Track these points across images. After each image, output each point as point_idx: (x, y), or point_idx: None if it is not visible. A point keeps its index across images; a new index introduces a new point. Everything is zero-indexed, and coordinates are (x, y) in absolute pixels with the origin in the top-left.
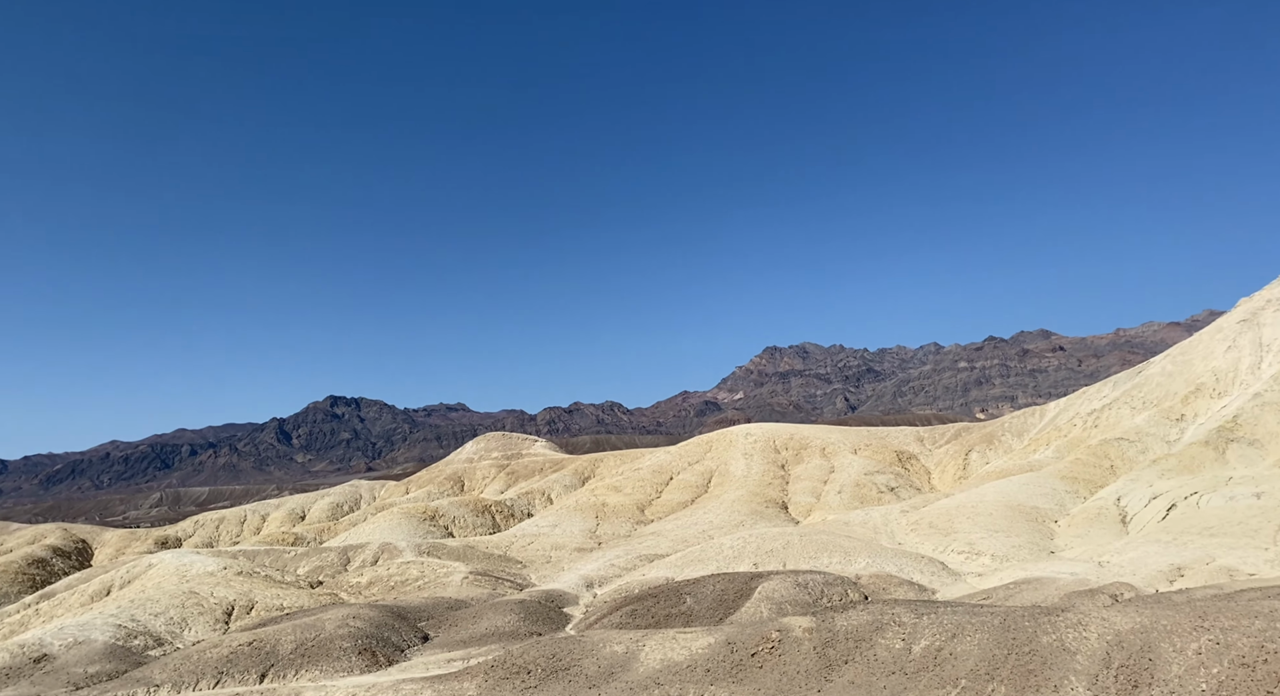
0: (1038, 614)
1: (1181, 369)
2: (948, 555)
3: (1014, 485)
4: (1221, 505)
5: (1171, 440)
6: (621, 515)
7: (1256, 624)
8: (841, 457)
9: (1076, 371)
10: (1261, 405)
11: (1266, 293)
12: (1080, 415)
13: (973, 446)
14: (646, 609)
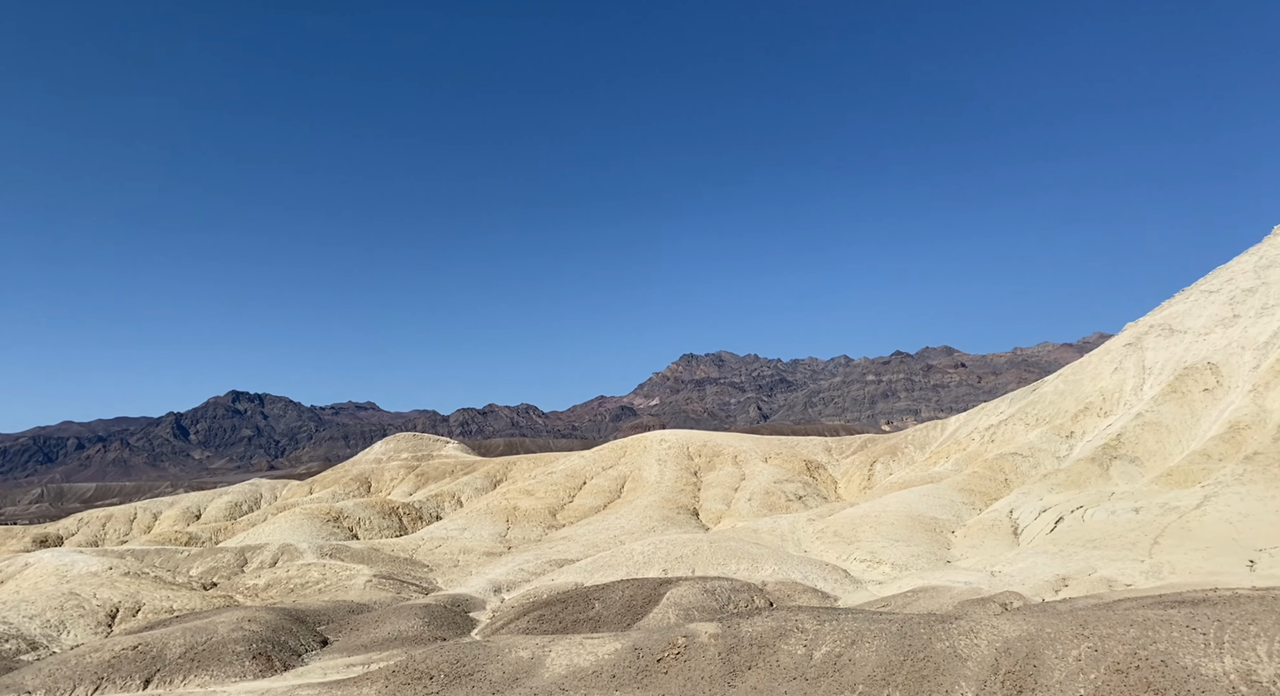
0: (933, 621)
1: (1072, 388)
2: (851, 563)
3: (915, 496)
4: (1104, 519)
5: (1061, 456)
6: (533, 519)
7: (1131, 632)
8: (753, 465)
9: (976, 387)
10: (1143, 425)
11: (1150, 318)
12: (978, 430)
13: (878, 457)
14: (555, 614)
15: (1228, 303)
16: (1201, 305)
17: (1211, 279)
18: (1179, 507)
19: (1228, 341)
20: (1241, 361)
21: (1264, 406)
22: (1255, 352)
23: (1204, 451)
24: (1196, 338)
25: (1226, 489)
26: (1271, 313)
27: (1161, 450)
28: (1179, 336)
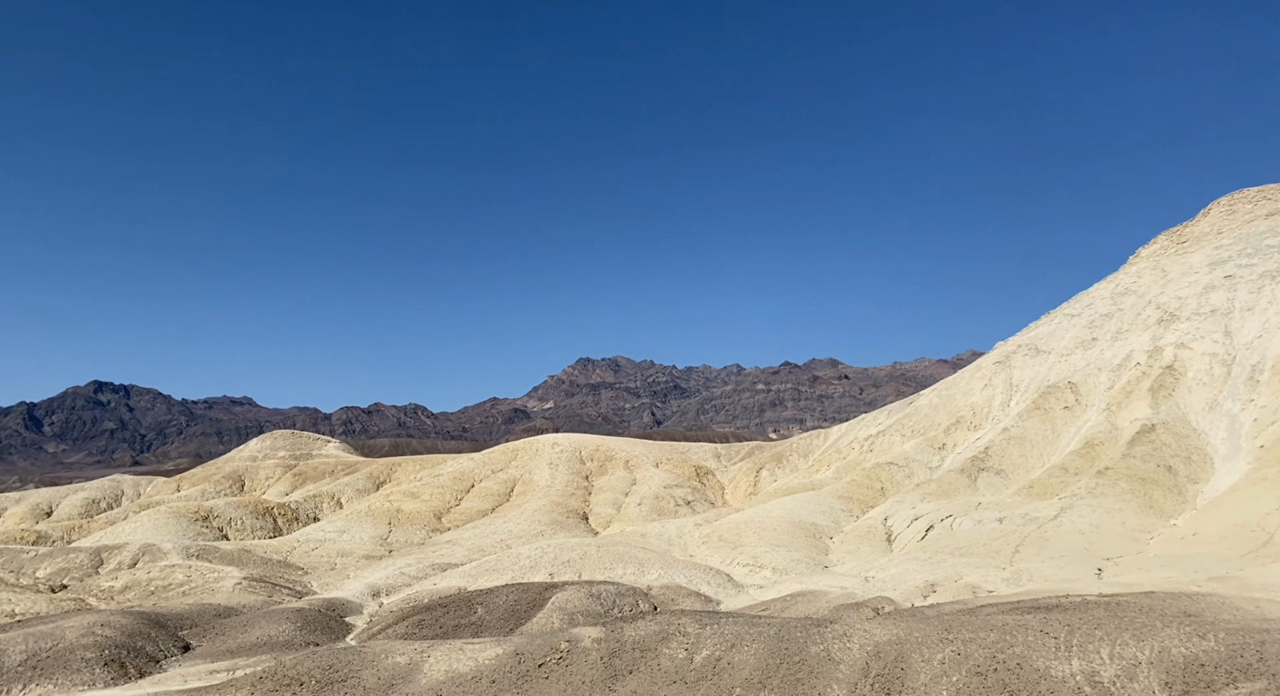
0: (809, 625)
1: (945, 402)
2: (734, 567)
3: (797, 502)
4: (971, 528)
5: (934, 466)
6: (417, 522)
7: (991, 636)
8: (644, 470)
9: (858, 399)
10: (1008, 439)
11: (1018, 338)
12: (858, 440)
13: (764, 464)
14: (435, 619)
15: (1087, 326)
16: (1064, 328)
17: (1074, 303)
18: (1038, 518)
19: (1086, 362)
20: (1098, 381)
21: (1115, 424)
22: (1110, 373)
23: (1062, 465)
24: (1059, 358)
25: (1080, 501)
26: (1125, 337)
27: (1025, 463)
28: (1043, 356)
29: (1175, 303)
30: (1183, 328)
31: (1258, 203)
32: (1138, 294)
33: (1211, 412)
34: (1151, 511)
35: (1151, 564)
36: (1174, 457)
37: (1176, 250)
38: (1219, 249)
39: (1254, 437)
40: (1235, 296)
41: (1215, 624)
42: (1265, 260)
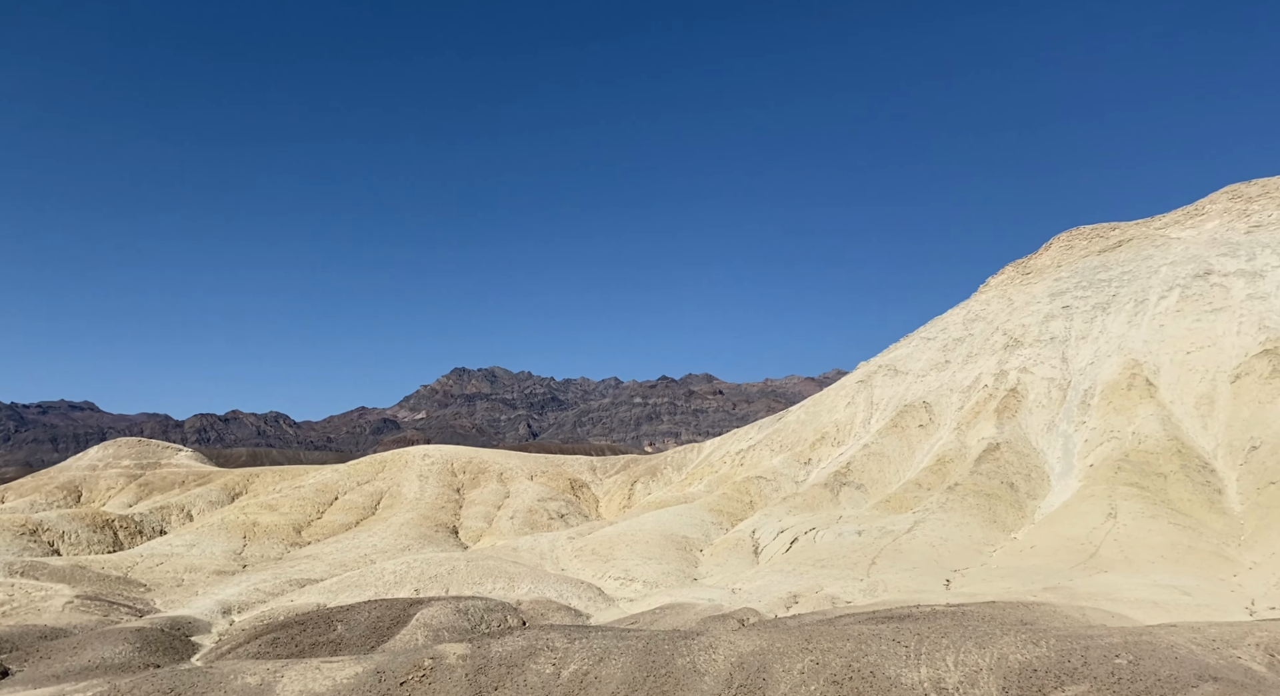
0: (676, 637)
1: (812, 419)
2: (606, 581)
3: (669, 515)
4: (832, 540)
5: (800, 481)
6: (274, 536)
7: (847, 646)
8: (518, 483)
9: (731, 414)
10: (868, 454)
11: (879, 359)
12: (730, 454)
13: (638, 477)
14: (291, 637)
15: (941, 349)
16: (921, 350)
17: (930, 327)
18: (894, 531)
19: (940, 383)
20: (950, 401)
21: (964, 442)
22: (960, 394)
23: (916, 481)
24: (916, 378)
25: (932, 515)
26: (975, 360)
27: (883, 478)
28: (902, 376)
29: (1020, 329)
30: (1026, 353)
31: (1091, 240)
32: (987, 320)
33: (1049, 433)
34: (995, 525)
35: (994, 574)
36: (1015, 475)
37: (1022, 280)
38: (1058, 281)
39: (1085, 457)
40: (1071, 325)
41: (1048, 631)
42: (1097, 293)
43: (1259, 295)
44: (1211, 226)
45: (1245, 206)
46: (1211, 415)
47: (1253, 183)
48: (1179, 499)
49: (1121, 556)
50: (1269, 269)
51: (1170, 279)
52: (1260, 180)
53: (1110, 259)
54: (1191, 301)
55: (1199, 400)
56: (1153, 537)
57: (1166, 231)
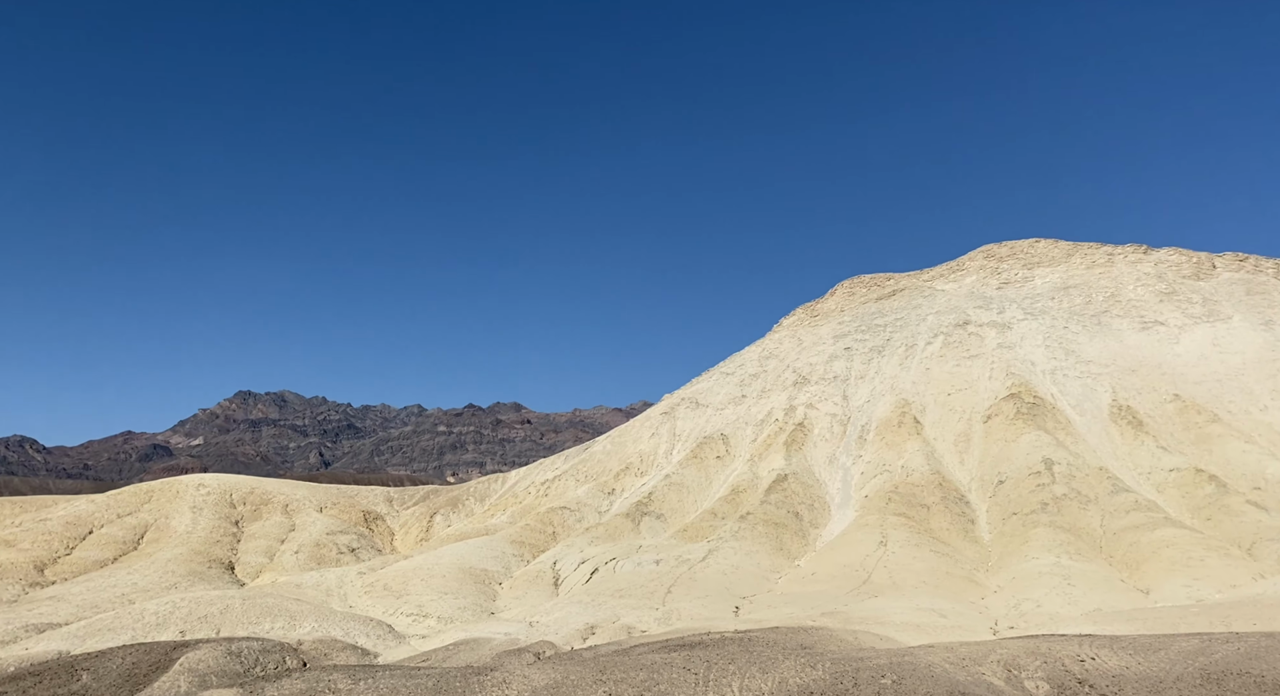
0: (469, 674)
1: (617, 449)
2: (397, 617)
3: (469, 548)
4: (631, 570)
5: (603, 511)
6: (11, 575)
7: (640, 675)
8: (305, 515)
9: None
10: (669, 485)
11: (683, 392)
12: (535, 484)
13: (439, 509)
14: (24, 690)
15: (738, 384)
16: (720, 384)
17: (729, 363)
18: (689, 560)
19: (737, 416)
20: (745, 434)
21: (757, 473)
22: (755, 427)
23: (712, 510)
24: (715, 411)
25: (725, 544)
26: (768, 395)
27: (682, 508)
28: (703, 409)
29: (807, 368)
30: (812, 390)
31: (871, 287)
32: (779, 358)
33: (830, 465)
34: (781, 553)
35: (779, 601)
36: (800, 504)
37: (810, 322)
38: (841, 324)
39: (861, 488)
40: (852, 366)
41: (824, 655)
42: (874, 337)
43: (1007, 344)
44: (970, 281)
45: (997, 265)
46: (968, 451)
47: (1003, 244)
48: (939, 528)
49: (890, 582)
50: (1015, 321)
51: (936, 327)
52: (1009, 242)
53: (886, 306)
54: (953, 348)
55: (957, 438)
56: (917, 564)
57: (933, 284)
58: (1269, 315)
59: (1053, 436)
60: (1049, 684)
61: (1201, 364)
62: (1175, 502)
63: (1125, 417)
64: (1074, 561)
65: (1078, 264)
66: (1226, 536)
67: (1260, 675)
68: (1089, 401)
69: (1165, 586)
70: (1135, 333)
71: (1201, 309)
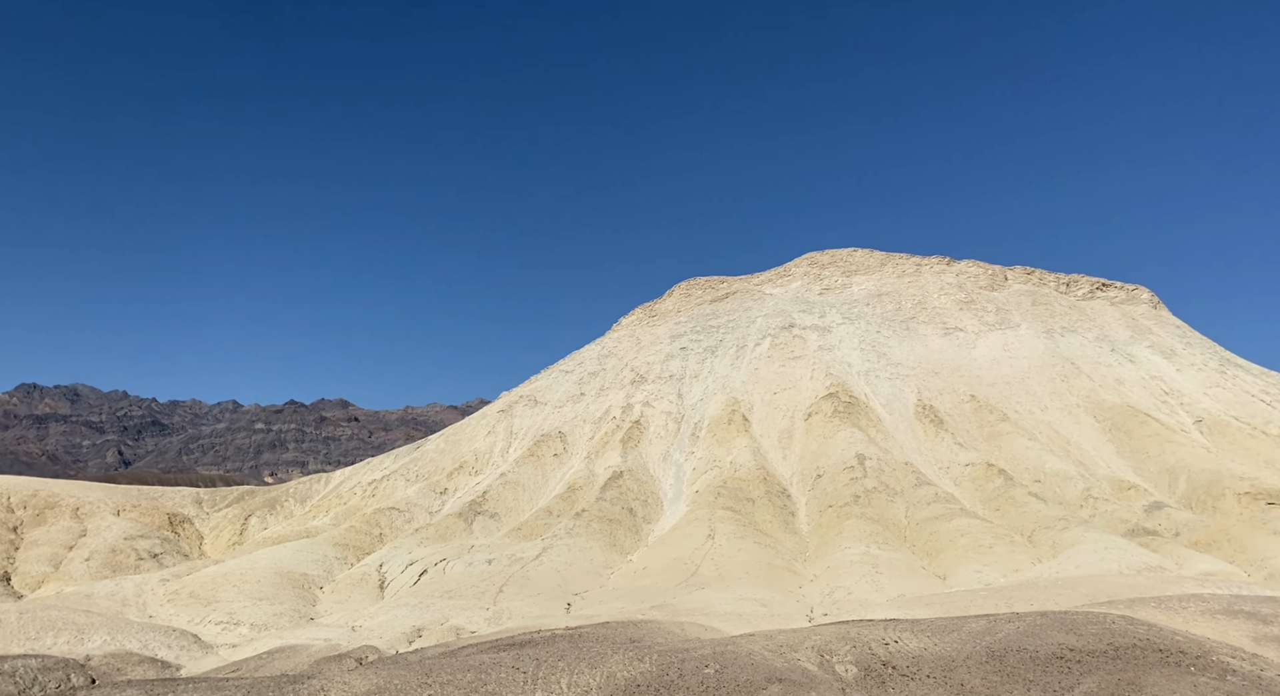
0: (283, 683)
1: (451, 448)
2: (205, 626)
3: (287, 551)
4: (462, 570)
5: (434, 511)
6: None
7: (468, 676)
8: (99, 519)
9: (367, 442)
10: (505, 483)
11: (521, 389)
12: (362, 484)
13: (254, 511)
14: None
15: (577, 382)
16: (559, 382)
17: (568, 361)
18: (523, 558)
19: (575, 414)
20: (583, 432)
21: (593, 470)
22: (592, 425)
23: (547, 508)
24: (554, 409)
25: (560, 541)
26: (607, 393)
27: (517, 506)
28: (541, 407)
29: (645, 367)
30: (649, 388)
31: (706, 289)
32: (618, 357)
33: (665, 461)
34: (615, 548)
35: (610, 596)
36: (635, 500)
37: (648, 322)
38: (678, 324)
39: (692, 483)
40: (687, 365)
41: (651, 647)
42: (708, 337)
43: (827, 347)
44: (795, 286)
45: (820, 271)
46: (790, 448)
47: (825, 252)
48: (763, 521)
49: (717, 574)
50: (834, 325)
51: (764, 329)
52: (831, 251)
53: (720, 308)
54: (779, 349)
55: (781, 434)
56: (742, 556)
57: (763, 287)
58: (1050, 324)
59: (865, 433)
60: (857, 666)
61: (994, 367)
62: (969, 494)
63: (928, 416)
64: (882, 550)
65: (890, 273)
66: (1012, 525)
67: (1035, 650)
68: (897, 401)
69: (960, 572)
70: (938, 338)
71: (995, 317)
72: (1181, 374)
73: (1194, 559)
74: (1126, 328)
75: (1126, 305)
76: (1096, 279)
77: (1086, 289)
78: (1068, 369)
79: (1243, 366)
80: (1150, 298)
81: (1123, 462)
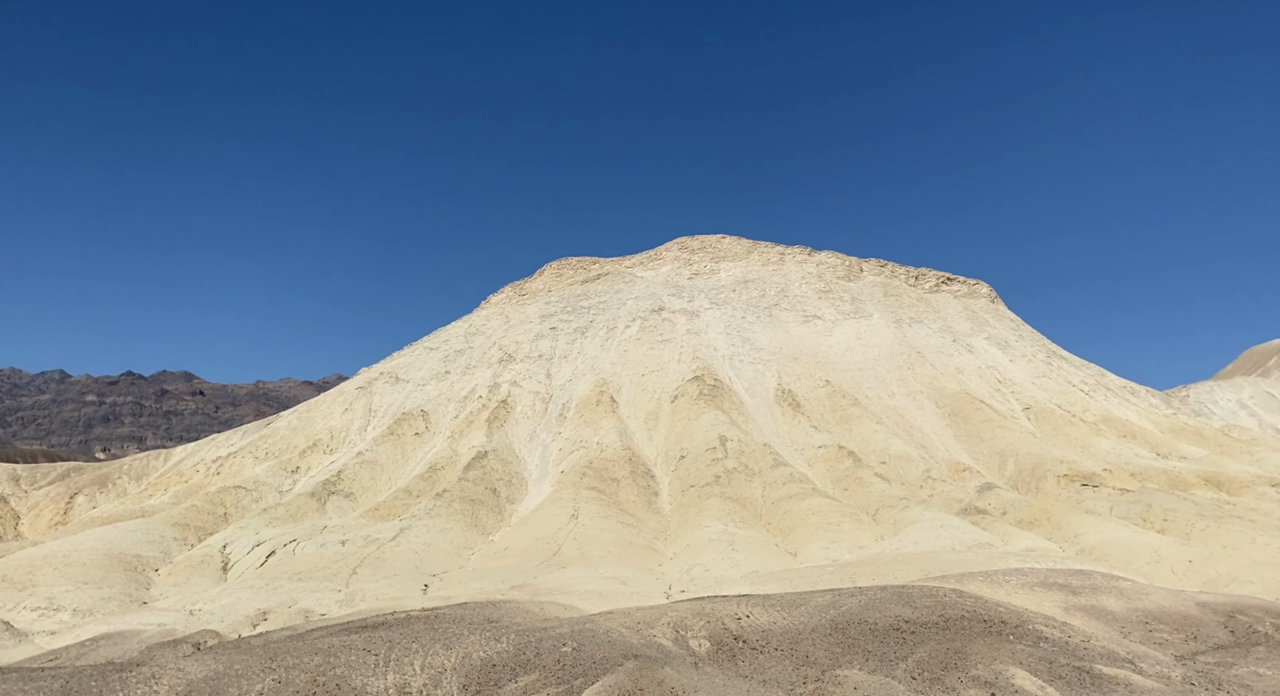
0: (108, 672)
1: (305, 425)
2: (19, 613)
3: (119, 532)
4: (314, 551)
5: (285, 490)
6: None
7: (315, 660)
8: None
9: (213, 417)
10: (361, 462)
11: (382, 366)
12: (205, 461)
13: (81, 488)
14: None
15: (443, 360)
16: (424, 359)
17: (434, 338)
18: (379, 539)
19: (439, 392)
20: (447, 410)
21: (456, 450)
22: (457, 404)
23: (407, 488)
24: (416, 387)
25: (418, 522)
26: (473, 372)
27: (374, 486)
28: (403, 384)
29: (514, 346)
30: (517, 368)
31: (578, 269)
32: (486, 335)
33: (531, 442)
34: (476, 529)
35: (470, 577)
36: (499, 481)
37: (518, 300)
38: (549, 304)
39: (558, 464)
40: (556, 345)
41: (509, 627)
42: (579, 318)
43: (694, 331)
44: (666, 270)
45: (690, 256)
46: (656, 429)
47: (695, 238)
48: (627, 501)
49: (579, 553)
50: (703, 309)
51: (635, 311)
52: (700, 237)
53: (591, 289)
54: (649, 332)
55: (648, 416)
56: (604, 535)
57: (634, 270)
58: (899, 315)
59: (728, 415)
60: (710, 641)
61: (848, 354)
62: (822, 475)
63: (787, 400)
64: (739, 528)
65: (756, 261)
66: (858, 504)
67: (874, 623)
68: (759, 385)
69: (809, 548)
70: (799, 325)
71: (850, 306)
72: (1014, 364)
73: (1018, 536)
74: (967, 320)
75: (968, 299)
76: (942, 273)
77: (933, 282)
78: (914, 357)
79: (1066, 358)
80: (989, 292)
81: (959, 446)
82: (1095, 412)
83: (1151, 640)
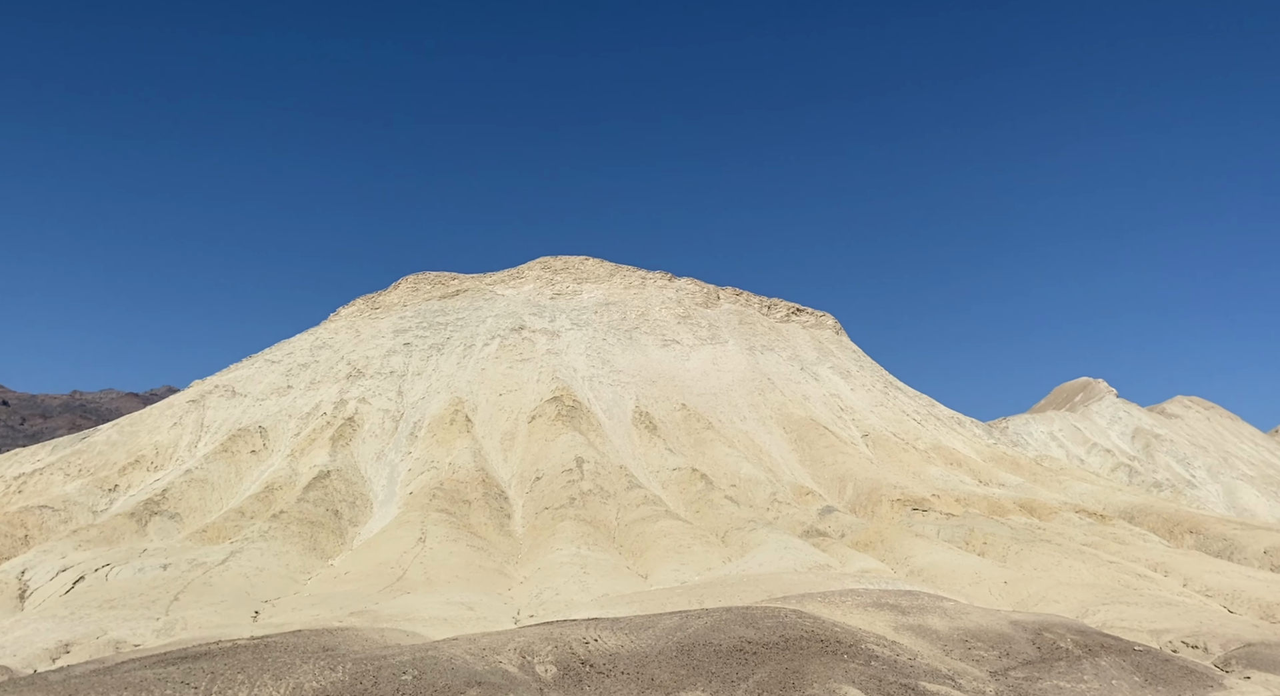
0: None
1: (127, 439)
2: None
3: None
4: (130, 577)
5: (100, 510)
6: None
7: (125, 695)
8: None
9: (19, 430)
10: (190, 481)
11: (217, 378)
12: (6, 478)
13: None
14: None
15: (285, 374)
16: (264, 372)
17: (276, 350)
18: (206, 563)
19: (280, 408)
20: (288, 427)
21: (296, 469)
22: (300, 421)
23: (240, 509)
24: (255, 402)
25: (251, 545)
26: (318, 387)
27: (204, 507)
28: (240, 399)
29: (364, 361)
30: (367, 384)
31: (435, 285)
32: (334, 349)
33: (378, 461)
34: (315, 552)
35: (305, 603)
36: (341, 502)
37: (370, 314)
38: (403, 319)
39: (407, 485)
40: (410, 362)
41: (346, 655)
42: (435, 334)
43: (555, 351)
44: (528, 289)
45: (552, 276)
46: (512, 450)
47: (558, 258)
48: (479, 523)
49: (425, 578)
50: (563, 330)
51: (494, 329)
52: (564, 257)
53: (449, 305)
54: (508, 350)
55: (504, 436)
56: (453, 559)
57: (495, 288)
58: (753, 342)
59: (586, 437)
60: (557, 666)
61: (704, 379)
62: (675, 497)
63: (644, 422)
64: (591, 551)
65: (618, 284)
66: (709, 526)
67: (719, 644)
68: (617, 407)
69: (660, 570)
70: (658, 348)
71: (707, 332)
72: (855, 393)
73: (854, 557)
74: (814, 349)
75: (815, 329)
76: (792, 304)
77: (784, 312)
78: (764, 384)
79: (901, 389)
80: (834, 324)
81: (804, 470)
82: (926, 441)
83: (970, 657)
